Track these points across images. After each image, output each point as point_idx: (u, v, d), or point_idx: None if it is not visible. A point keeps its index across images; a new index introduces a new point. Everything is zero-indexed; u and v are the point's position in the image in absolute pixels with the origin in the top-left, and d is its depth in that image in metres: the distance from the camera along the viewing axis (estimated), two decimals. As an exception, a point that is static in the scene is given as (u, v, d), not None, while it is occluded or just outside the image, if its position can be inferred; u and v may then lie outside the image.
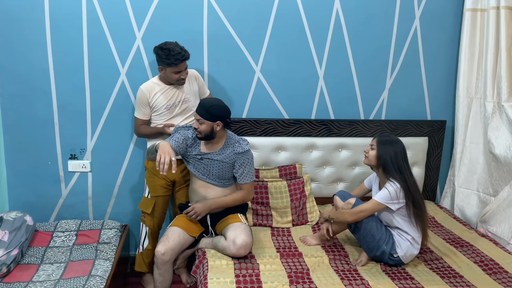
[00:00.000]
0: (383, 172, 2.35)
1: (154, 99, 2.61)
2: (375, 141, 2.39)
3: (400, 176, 2.28)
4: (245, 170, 2.48)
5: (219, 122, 2.38)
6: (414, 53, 3.08)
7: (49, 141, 2.85)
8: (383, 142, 2.35)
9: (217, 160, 2.46)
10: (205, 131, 2.38)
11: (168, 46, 2.48)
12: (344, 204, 2.41)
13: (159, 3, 2.76)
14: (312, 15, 2.92)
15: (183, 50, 2.51)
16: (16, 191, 2.89)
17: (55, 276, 2.27)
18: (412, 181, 2.30)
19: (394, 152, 2.31)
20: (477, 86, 3.04)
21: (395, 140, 2.36)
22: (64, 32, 2.72)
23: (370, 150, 2.40)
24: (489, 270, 2.28)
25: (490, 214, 2.81)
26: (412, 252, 2.30)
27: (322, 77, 3.03)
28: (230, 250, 2.30)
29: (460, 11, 3.05)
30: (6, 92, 2.75)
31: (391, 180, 2.30)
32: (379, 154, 2.34)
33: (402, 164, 2.30)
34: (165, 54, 2.46)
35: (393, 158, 2.30)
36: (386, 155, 2.31)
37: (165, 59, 2.47)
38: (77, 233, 2.71)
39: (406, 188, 2.27)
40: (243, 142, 2.50)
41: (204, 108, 2.35)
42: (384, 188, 2.30)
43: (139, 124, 2.69)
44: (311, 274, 2.20)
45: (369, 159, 2.39)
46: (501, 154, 2.79)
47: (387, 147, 2.33)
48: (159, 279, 2.42)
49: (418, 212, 2.28)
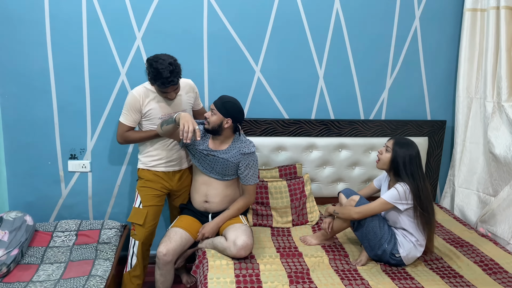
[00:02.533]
0: (394, 175, 2.31)
1: (148, 107, 2.47)
2: (391, 143, 2.32)
3: (412, 182, 2.24)
4: (250, 172, 2.49)
5: (230, 119, 2.41)
6: (414, 53, 3.09)
7: (49, 141, 2.85)
8: (399, 145, 2.28)
9: (222, 158, 2.47)
10: (214, 123, 2.41)
11: (159, 66, 2.25)
12: (347, 201, 2.38)
13: (159, 3, 2.76)
14: (312, 15, 2.92)
15: (174, 73, 2.29)
16: (16, 191, 2.89)
17: (55, 276, 2.27)
18: (424, 187, 2.25)
19: (409, 157, 2.25)
20: (477, 86, 3.04)
21: (411, 144, 2.30)
22: (64, 32, 2.72)
23: (385, 151, 2.33)
24: (489, 270, 2.28)
25: (490, 214, 2.81)
26: (414, 254, 2.29)
27: (322, 77, 3.03)
28: (231, 251, 2.30)
29: (460, 11, 3.05)
30: (6, 92, 2.75)
31: (400, 183, 2.27)
32: (393, 157, 2.28)
33: (416, 170, 2.25)
34: (153, 74, 2.29)
35: (407, 163, 2.25)
36: (400, 159, 2.25)
37: (151, 79, 2.33)
38: (77, 233, 2.71)
39: (417, 194, 2.22)
40: (249, 144, 2.53)
41: (222, 101, 2.42)
42: (393, 188, 2.26)
43: (125, 131, 2.49)
44: (311, 274, 2.20)
45: (383, 162, 2.33)
46: (501, 154, 2.79)
47: (403, 150, 2.26)
48: (160, 280, 2.42)
49: (426, 216, 2.25)
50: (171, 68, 2.27)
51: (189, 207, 2.63)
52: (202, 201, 2.56)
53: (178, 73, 2.33)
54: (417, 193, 2.23)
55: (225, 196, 2.55)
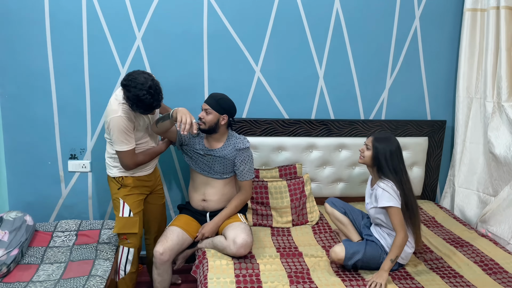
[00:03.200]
0: (377, 171, 2.32)
1: (137, 121, 2.31)
2: (370, 140, 2.34)
3: (395, 177, 2.25)
4: (246, 167, 2.51)
5: (226, 116, 2.44)
6: (414, 53, 3.08)
7: (49, 141, 2.85)
8: (378, 141, 2.30)
9: (219, 156, 2.48)
10: (211, 122, 2.42)
11: (139, 93, 2.08)
12: (335, 258, 2.24)
13: (159, 3, 2.76)
14: (312, 15, 2.92)
15: (155, 97, 2.13)
16: (16, 191, 2.89)
17: (55, 276, 2.27)
18: (406, 181, 2.27)
19: (389, 152, 2.27)
20: (477, 86, 3.04)
21: (390, 139, 2.31)
22: (64, 32, 2.72)
23: (366, 150, 2.35)
24: (489, 270, 2.28)
25: (490, 214, 2.81)
26: (407, 251, 2.27)
27: (322, 77, 3.03)
28: (230, 250, 2.31)
29: (460, 11, 3.05)
30: (6, 92, 2.75)
31: (383, 179, 2.27)
32: (374, 154, 2.30)
33: (398, 164, 2.27)
34: (134, 101, 2.12)
35: (388, 159, 2.26)
36: (381, 156, 2.27)
37: (133, 105, 2.16)
38: (77, 233, 2.71)
39: (401, 187, 2.24)
40: (244, 139, 2.55)
41: (215, 99, 2.43)
42: (381, 192, 2.22)
43: (133, 154, 2.32)
44: (311, 274, 2.20)
45: (365, 159, 2.35)
46: (501, 154, 2.79)
47: (382, 146, 2.28)
48: (158, 279, 2.42)
49: (410, 213, 2.24)
50: (152, 92, 2.12)
51: (187, 206, 2.64)
52: (200, 199, 2.56)
53: (159, 94, 2.18)
54: (401, 187, 2.24)
55: (223, 194, 2.56)
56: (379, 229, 2.34)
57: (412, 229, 2.27)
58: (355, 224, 2.54)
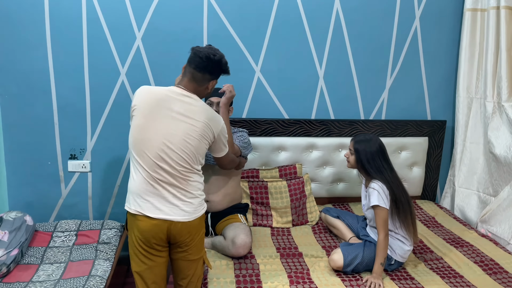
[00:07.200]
0: (365, 173, 2.34)
1: None
2: (351, 144, 2.37)
3: (380, 176, 2.26)
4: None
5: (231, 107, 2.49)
6: (414, 53, 3.08)
7: (49, 141, 2.85)
8: (358, 143, 2.33)
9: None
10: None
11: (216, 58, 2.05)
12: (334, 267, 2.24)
13: (159, 3, 2.76)
14: (312, 15, 2.92)
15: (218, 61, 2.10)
16: (16, 191, 2.89)
17: (55, 276, 2.27)
18: (393, 178, 2.27)
19: (370, 153, 2.28)
20: (477, 86, 3.04)
21: (370, 140, 2.32)
22: (64, 32, 2.72)
23: (350, 154, 2.38)
24: (489, 270, 2.28)
25: (490, 214, 2.81)
26: (404, 248, 2.27)
27: (322, 77, 3.03)
28: (229, 250, 2.31)
29: (460, 11, 3.05)
30: (6, 92, 2.75)
31: (373, 179, 2.28)
32: (356, 158, 2.32)
33: (380, 164, 2.28)
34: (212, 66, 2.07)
35: (370, 160, 2.28)
36: (363, 158, 2.29)
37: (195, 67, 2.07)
38: (77, 233, 2.71)
39: (388, 187, 2.24)
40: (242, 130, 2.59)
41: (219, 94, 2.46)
42: (371, 192, 2.24)
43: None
44: (311, 274, 2.20)
45: (351, 164, 2.38)
46: (501, 154, 2.79)
47: (362, 149, 2.30)
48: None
49: (400, 211, 2.24)
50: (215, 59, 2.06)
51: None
52: None
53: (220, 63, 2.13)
54: (388, 185, 2.24)
55: (226, 194, 2.55)
56: (375, 229, 2.35)
57: (405, 226, 2.26)
58: (350, 227, 2.59)
